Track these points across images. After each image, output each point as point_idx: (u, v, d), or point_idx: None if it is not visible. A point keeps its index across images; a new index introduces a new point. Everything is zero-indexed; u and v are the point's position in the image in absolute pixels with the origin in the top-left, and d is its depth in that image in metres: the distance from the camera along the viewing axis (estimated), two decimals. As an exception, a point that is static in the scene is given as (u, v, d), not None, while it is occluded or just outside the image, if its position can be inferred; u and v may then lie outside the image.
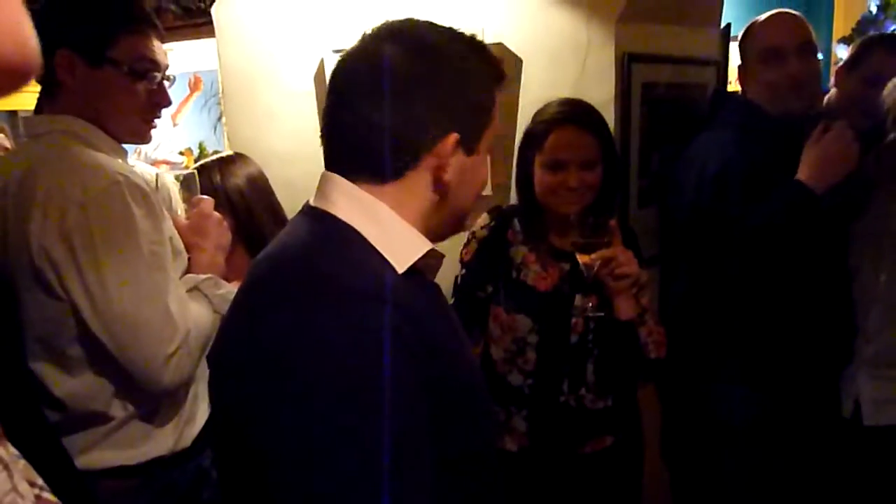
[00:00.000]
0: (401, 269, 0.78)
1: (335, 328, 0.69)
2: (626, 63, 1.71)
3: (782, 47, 1.65)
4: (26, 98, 1.24)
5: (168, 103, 1.33)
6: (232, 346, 0.78)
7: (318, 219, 0.80)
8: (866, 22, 3.98)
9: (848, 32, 3.66)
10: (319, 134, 0.84)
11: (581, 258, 1.36)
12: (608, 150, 1.46)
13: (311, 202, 0.83)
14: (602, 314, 1.40)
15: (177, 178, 1.49)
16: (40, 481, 0.56)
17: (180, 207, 1.60)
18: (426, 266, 0.83)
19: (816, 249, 1.59)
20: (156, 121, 1.35)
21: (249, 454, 0.72)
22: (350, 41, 0.82)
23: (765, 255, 1.56)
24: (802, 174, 1.51)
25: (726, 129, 1.68)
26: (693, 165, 1.66)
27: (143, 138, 1.34)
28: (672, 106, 1.94)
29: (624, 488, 1.57)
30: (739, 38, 1.78)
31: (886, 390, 1.70)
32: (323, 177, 0.83)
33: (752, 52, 1.71)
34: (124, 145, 1.33)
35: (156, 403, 1.26)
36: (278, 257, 0.79)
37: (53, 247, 1.13)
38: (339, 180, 0.80)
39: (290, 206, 1.75)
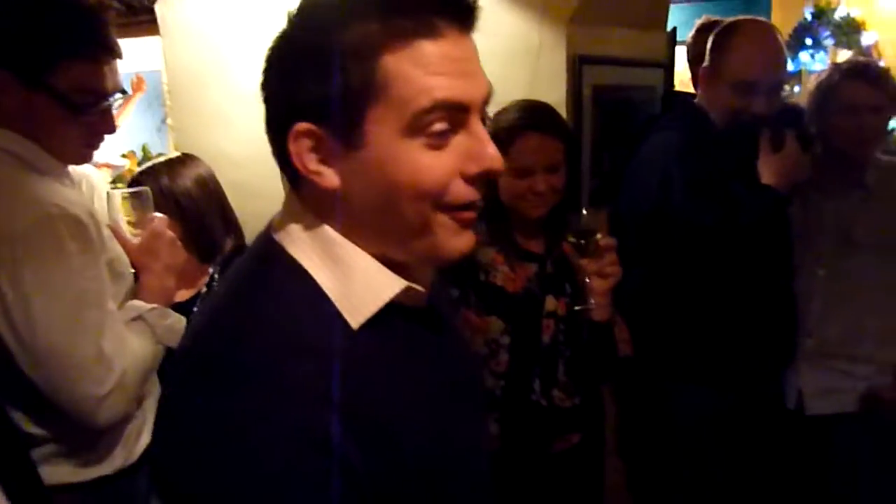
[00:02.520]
0: (356, 324, 0.65)
1: (248, 430, 0.57)
2: (578, 65, 1.74)
3: (757, 83, 1.62)
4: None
5: (112, 131, 1.23)
6: (161, 413, 0.68)
7: (266, 260, 0.69)
8: (802, 29, 4.17)
9: (785, 38, 3.82)
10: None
11: (583, 262, 1.34)
12: (571, 152, 1.47)
13: (273, 224, 0.71)
14: (591, 308, 1.38)
15: (124, 196, 1.42)
16: None
17: (121, 218, 1.51)
18: (408, 298, 0.69)
19: (761, 250, 1.65)
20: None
21: None
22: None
23: (730, 252, 1.60)
24: (768, 182, 1.58)
25: (674, 132, 1.71)
26: (643, 167, 1.70)
27: (84, 160, 1.27)
28: (622, 107, 1.98)
29: (588, 485, 1.59)
30: (713, 36, 1.72)
31: (826, 380, 1.78)
32: (287, 193, 0.71)
33: (725, 70, 1.66)
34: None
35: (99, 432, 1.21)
36: (212, 316, 0.69)
37: None
38: (295, 200, 0.69)
39: (241, 209, 1.72)
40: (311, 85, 0.62)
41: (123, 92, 1.24)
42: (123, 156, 3.95)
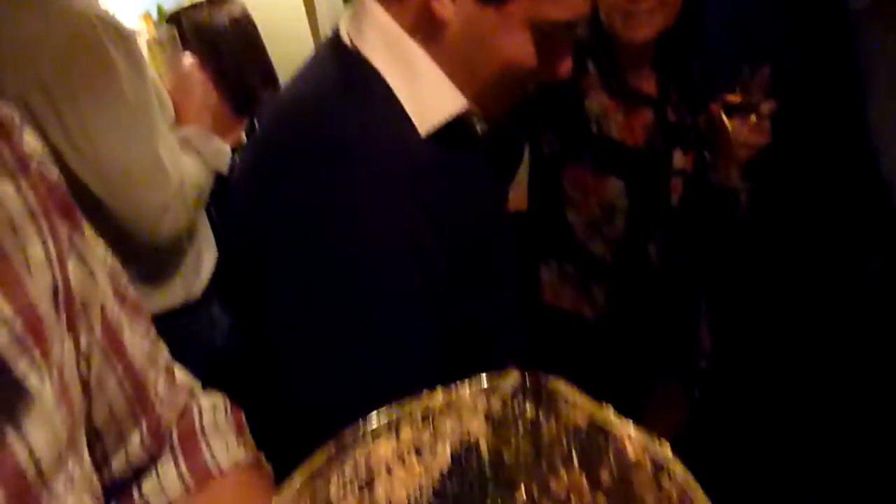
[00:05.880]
0: (424, 131, 0.70)
1: (342, 204, 0.64)
2: None
3: None
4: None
5: None
6: (243, 207, 0.74)
7: (341, 61, 0.72)
8: None
9: None
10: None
11: (732, 123, 1.16)
12: None
13: (341, 29, 0.74)
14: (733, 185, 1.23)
15: (153, 39, 1.41)
16: None
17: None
18: (466, 120, 0.75)
19: None
20: None
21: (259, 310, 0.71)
22: None
23: None
24: None
25: None
26: None
27: None
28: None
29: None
30: None
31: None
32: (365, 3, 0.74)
33: None
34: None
35: (158, 258, 1.25)
36: (291, 109, 0.73)
37: (30, 96, 1.06)
38: (375, 8, 0.72)
39: (272, 54, 1.67)
40: None
41: None
42: (139, 18, 3.81)
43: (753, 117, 1.15)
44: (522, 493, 0.26)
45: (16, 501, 0.30)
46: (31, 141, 0.42)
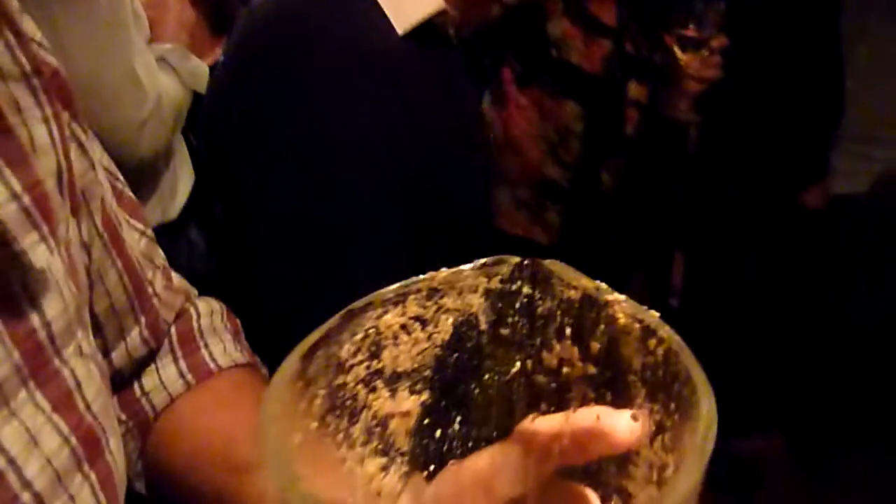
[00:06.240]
0: (401, 30, 0.72)
1: (312, 93, 0.66)
2: None
3: None
4: None
5: None
6: (219, 103, 0.76)
7: None
8: None
9: None
10: None
11: (685, 57, 1.21)
12: None
13: None
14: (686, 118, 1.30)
15: None
16: None
17: None
18: (440, 23, 0.76)
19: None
20: None
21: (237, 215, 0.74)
22: None
23: None
24: None
25: None
26: None
27: None
28: None
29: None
30: None
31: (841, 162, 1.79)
32: None
33: None
34: None
35: (134, 177, 1.24)
36: (266, 7, 0.74)
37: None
38: None
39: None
40: None
41: None
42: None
43: (705, 51, 1.19)
44: (517, 365, 0.29)
45: (30, 362, 0.31)
46: (30, 26, 0.41)
